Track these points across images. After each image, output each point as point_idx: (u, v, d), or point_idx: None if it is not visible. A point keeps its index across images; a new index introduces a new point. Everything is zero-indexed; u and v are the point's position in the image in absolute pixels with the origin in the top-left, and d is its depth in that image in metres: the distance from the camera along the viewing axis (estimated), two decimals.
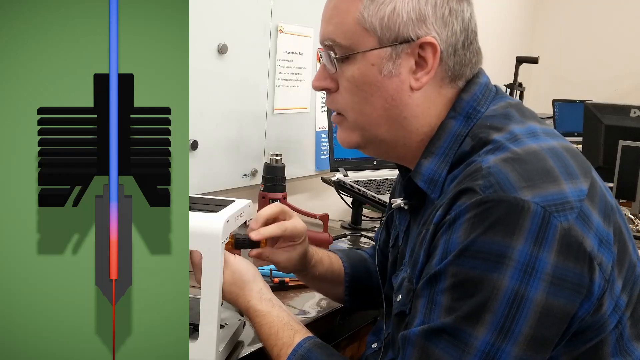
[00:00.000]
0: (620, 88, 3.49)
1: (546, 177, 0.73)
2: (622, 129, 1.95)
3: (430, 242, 0.77)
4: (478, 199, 0.71)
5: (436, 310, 0.73)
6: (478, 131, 0.81)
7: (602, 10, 3.61)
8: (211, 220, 0.91)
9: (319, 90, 0.90)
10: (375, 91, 0.83)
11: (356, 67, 0.83)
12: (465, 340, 0.70)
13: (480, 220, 0.70)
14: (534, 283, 0.69)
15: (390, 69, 0.82)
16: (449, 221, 0.74)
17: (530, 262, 0.69)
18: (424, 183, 0.84)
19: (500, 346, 0.69)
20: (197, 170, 1.60)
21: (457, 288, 0.72)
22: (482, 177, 0.73)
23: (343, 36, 0.83)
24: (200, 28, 1.55)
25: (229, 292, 0.94)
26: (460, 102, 0.84)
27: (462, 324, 0.70)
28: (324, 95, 0.94)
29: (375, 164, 1.97)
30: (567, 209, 0.71)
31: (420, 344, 0.73)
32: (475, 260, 0.70)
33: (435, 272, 0.74)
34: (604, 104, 2.07)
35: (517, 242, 0.69)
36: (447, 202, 0.76)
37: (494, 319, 0.69)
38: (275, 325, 0.89)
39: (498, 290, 0.69)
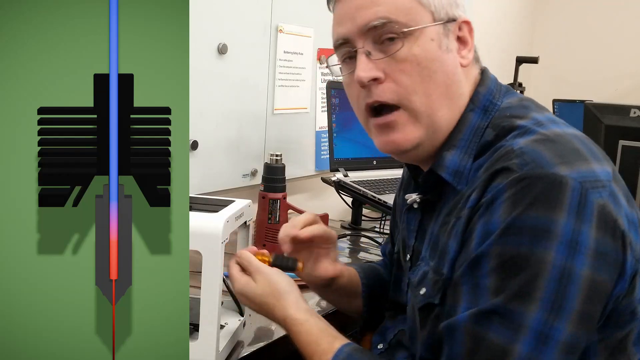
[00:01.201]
0: (620, 88, 3.49)
1: (577, 156, 0.74)
2: (622, 129, 1.95)
3: (465, 228, 0.77)
4: (516, 177, 0.72)
5: (482, 293, 0.72)
6: (499, 121, 0.82)
7: (602, 10, 3.61)
8: (211, 220, 0.91)
9: (368, 82, 0.82)
10: (438, 67, 0.82)
11: (416, 44, 0.81)
12: (517, 320, 0.69)
13: (521, 197, 0.70)
14: (580, 258, 0.69)
15: (447, 44, 0.83)
16: (485, 203, 0.74)
17: (574, 237, 0.69)
18: (449, 175, 0.83)
19: (553, 324, 0.68)
20: (197, 170, 1.60)
21: (503, 267, 0.70)
22: (516, 156, 0.73)
23: (400, 13, 0.81)
24: (200, 28, 1.55)
25: (265, 304, 0.92)
26: (478, 96, 0.86)
27: (513, 303, 0.69)
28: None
29: (375, 164, 1.97)
30: (600, 187, 0.72)
31: (469, 329, 0.71)
32: (520, 236, 0.69)
33: (476, 255, 0.73)
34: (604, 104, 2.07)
35: (560, 216, 0.69)
36: (480, 185, 0.76)
37: (544, 296, 0.68)
38: (314, 333, 0.87)
39: (545, 266, 0.68)
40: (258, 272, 0.94)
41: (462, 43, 0.85)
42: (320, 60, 2.03)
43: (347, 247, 1.72)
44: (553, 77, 3.63)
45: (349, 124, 1.89)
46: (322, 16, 2.02)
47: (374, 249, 1.68)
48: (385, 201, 1.76)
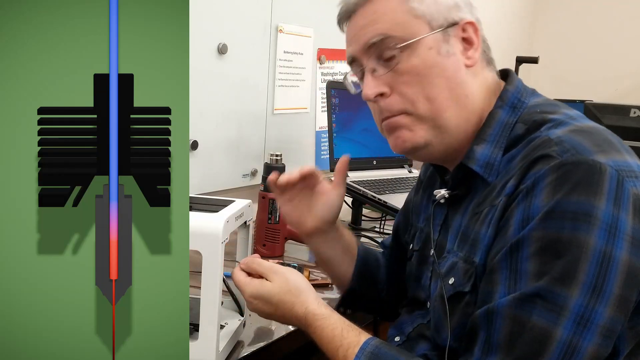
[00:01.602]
0: (620, 88, 3.49)
1: (612, 147, 0.77)
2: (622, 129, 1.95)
3: (501, 215, 0.78)
4: (557, 163, 0.74)
5: (523, 278, 0.73)
6: (529, 117, 0.85)
7: (602, 10, 3.61)
8: (211, 220, 0.91)
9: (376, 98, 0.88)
10: (438, 73, 0.86)
11: (414, 55, 0.85)
12: (560, 303, 0.70)
13: (562, 182, 0.72)
14: (619, 243, 0.70)
15: (447, 48, 0.86)
16: (525, 189, 0.75)
17: (613, 222, 0.71)
18: (480, 167, 0.86)
19: (593, 307, 0.70)
20: (197, 170, 1.60)
21: (545, 251, 0.72)
22: (555, 144, 0.76)
23: (396, 28, 0.86)
24: (200, 28, 1.55)
25: (283, 302, 0.92)
26: (506, 93, 0.89)
27: (556, 286, 0.70)
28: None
29: (375, 164, 1.97)
30: (633, 177, 0.74)
31: (511, 313, 0.72)
32: (562, 221, 0.71)
33: (517, 240, 0.74)
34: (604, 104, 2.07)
35: (600, 202, 0.71)
36: (518, 173, 0.78)
37: (586, 279, 0.70)
38: (339, 327, 0.87)
39: (587, 250, 0.70)
40: (272, 271, 0.94)
41: (467, 44, 0.87)
42: (320, 60, 2.03)
43: None
44: (553, 77, 3.62)
45: (349, 124, 1.89)
46: (322, 16, 2.00)
47: (373, 248, 1.68)
48: (386, 201, 1.76)
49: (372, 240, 1.72)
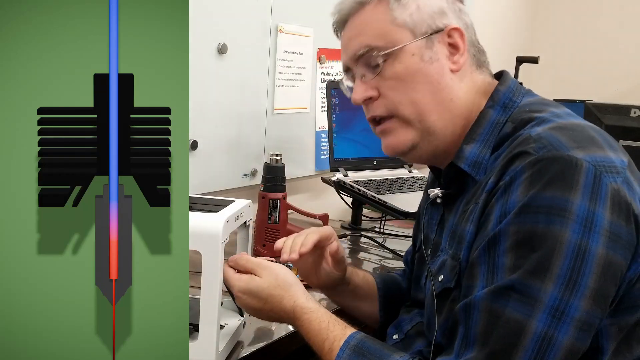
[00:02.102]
0: (621, 88, 3.48)
1: (593, 143, 0.77)
2: (622, 128, 1.95)
3: (482, 212, 0.79)
4: (533, 159, 0.75)
5: (499, 271, 0.74)
6: (518, 116, 0.87)
7: (602, 10, 3.61)
8: (211, 220, 0.91)
9: (363, 103, 0.93)
10: (421, 78, 0.88)
11: (397, 62, 0.88)
12: (534, 296, 0.70)
13: (538, 177, 0.73)
14: (595, 237, 0.71)
15: (430, 55, 0.88)
16: (504, 185, 0.76)
17: (589, 217, 0.71)
18: (468, 166, 0.87)
19: (568, 300, 0.70)
20: (197, 170, 1.60)
21: (520, 245, 0.72)
22: (533, 141, 0.77)
23: (380, 39, 0.89)
24: (200, 28, 1.55)
25: (272, 296, 0.92)
26: (498, 93, 0.90)
27: (530, 279, 0.71)
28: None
29: (375, 164, 1.97)
30: (614, 172, 0.74)
31: (486, 306, 0.73)
32: (536, 215, 0.72)
33: (494, 234, 0.75)
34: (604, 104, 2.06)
35: (575, 196, 0.71)
36: (499, 169, 0.79)
37: (560, 272, 0.70)
38: (325, 320, 0.89)
39: (562, 244, 0.70)
40: (261, 266, 0.95)
41: (454, 49, 0.89)
42: (320, 60, 2.03)
43: (347, 247, 1.72)
44: (553, 76, 3.62)
45: (349, 124, 1.89)
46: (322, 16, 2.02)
47: (374, 249, 1.68)
48: (386, 201, 1.76)
49: (372, 240, 1.72)
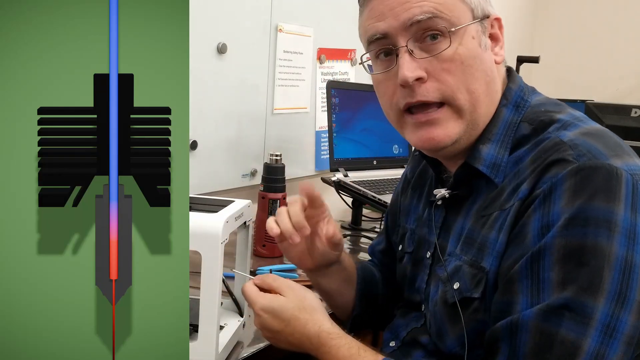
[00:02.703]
0: (621, 88, 3.48)
1: (623, 150, 0.76)
2: (623, 128, 1.95)
3: (515, 221, 0.76)
4: (575, 167, 0.72)
5: (547, 287, 0.70)
6: (534, 116, 0.84)
7: (602, 10, 3.61)
8: (211, 221, 0.91)
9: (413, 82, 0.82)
10: (479, 64, 0.83)
11: (459, 42, 0.81)
12: (587, 314, 0.68)
13: (582, 187, 0.71)
14: (638, 248, 0.69)
15: (486, 41, 0.85)
16: (542, 194, 0.73)
17: (632, 228, 0.70)
18: (486, 168, 0.83)
19: (619, 315, 0.68)
20: (197, 170, 1.60)
21: (569, 259, 0.70)
22: (569, 147, 0.74)
23: (445, 9, 0.81)
24: (200, 28, 1.55)
25: (296, 318, 0.88)
26: (510, 92, 0.87)
27: (583, 296, 0.68)
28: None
29: (375, 164, 1.97)
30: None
31: (537, 327, 0.70)
32: (585, 228, 0.69)
33: (538, 248, 0.72)
34: (605, 104, 2.06)
35: (619, 207, 0.70)
36: (532, 176, 0.75)
37: (611, 288, 0.68)
38: (355, 346, 0.84)
39: (610, 257, 0.68)
40: (288, 287, 0.91)
41: (494, 40, 0.86)
42: (320, 60, 2.03)
43: (347, 247, 1.72)
44: (554, 76, 3.62)
45: (349, 124, 1.89)
46: (322, 16, 2.00)
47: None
48: (385, 201, 1.76)
49: (372, 240, 1.72)
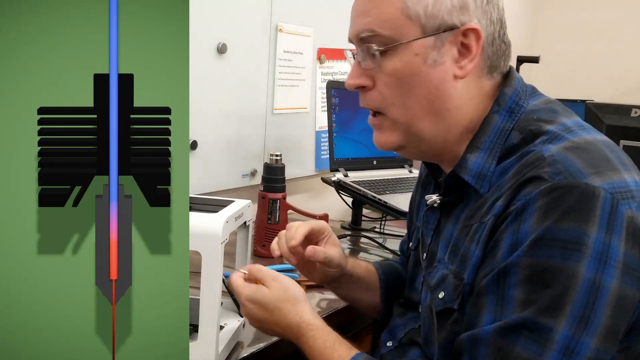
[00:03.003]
0: (621, 88, 3.48)
1: (608, 165, 0.73)
2: (623, 128, 1.94)
3: (490, 235, 0.75)
4: (548, 186, 0.70)
5: (509, 305, 0.70)
6: (526, 124, 0.81)
7: (602, 10, 3.61)
8: (211, 221, 0.91)
9: (355, 89, 0.86)
10: (419, 82, 0.81)
11: (398, 59, 0.81)
12: (545, 335, 0.68)
13: (553, 207, 0.69)
14: (609, 271, 0.68)
15: (435, 57, 0.81)
16: (515, 211, 0.72)
17: (604, 250, 0.68)
18: (472, 178, 0.82)
19: (580, 338, 0.67)
20: (197, 170, 1.60)
21: (533, 280, 0.69)
22: (547, 164, 0.72)
23: (385, 26, 0.81)
24: (200, 28, 1.55)
25: (279, 309, 0.91)
26: (504, 97, 0.84)
27: (542, 317, 0.68)
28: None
29: (375, 164, 1.97)
30: (630, 197, 0.71)
31: (496, 342, 0.70)
32: (551, 249, 0.68)
33: (504, 265, 0.71)
34: (605, 104, 2.06)
35: (592, 229, 0.68)
36: (509, 192, 0.74)
37: (573, 310, 0.67)
38: (331, 339, 0.87)
39: (577, 280, 0.67)
40: (273, 278, 0.93)
41: (466, 50, 0.81)
42: (320, 60, 2.03)
43: (347, 247, 1.72)
44: (554, 76, 3.62)
45: (349, 124, 1.89)
46: (322, 16, 2.00)
47: (374, 249, 1.68)
48: (386, 201, 1.76)
49: (372, 240, 1.72)
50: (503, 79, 0.87)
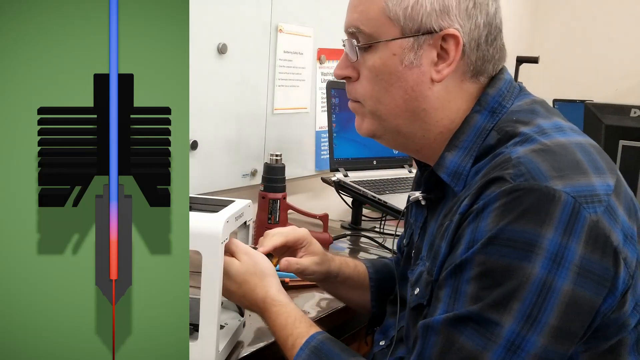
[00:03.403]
0: (621, 88, 3.48)
1: (576, 169, 0.73)
2: (622, 128, 1.95)
3: (455, 233, 0.77)
4: (508, 187, 0.71)
5: (461, 298, 0.73)
6: (504, 125, 0.81)
7: (602, 10, 3.61)
8: (211, 221, 0.91)
9: (341, 79, 0.90)
10: (395, 81, 0.83)
11: (377, 56, 0.83)
12: (491, 329, 0.70)
13: (511, 208, 0.70)
14: (562, 273, 0.69)
15: (412, 59, 0.82)
16: (476, 210, 0.74)
17: (560, 252, 0.69)
18: (447, 176, 0.84)
19: (525, 335, 0.69)
20: (197, 170, 1.60)
21: (485, 277, 0.71)
22: (512, 166, 0.73)
23: (367, 24, 0.83)
24: (200, 28, 1.55)
25: (247, 282, 0.94)
26: (486, 97, 0.84)
27: (489, 312, 0.70)
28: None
29: (375, 164, 1.97)
30: (596, 202, 0.71)
31: (444, 331, 0.73)
32: (504, 248, 0.70)
33: (461, 261, 0.73)
34: (604, 104, 2.06)
35: (548, 231, 0.69)
36: (474, 191, 0.76)
37: (521, 308, 0.69)
38: (292, 316, 0.90)
39: (527, 279, 0.69)
40: (244, 252, 0.96)
41: (441, 57, 0.82)
42: (320, 60, 2.03)
43: (347, 247, 1.72)
44: (553, 76, 3.62)
45: (349, 124, 1.89)
46: (322, 16, 2.01)
47: (374, 249, 1.68)
48: (385, 201, 1.76)
49: (372, 240, 1.72)
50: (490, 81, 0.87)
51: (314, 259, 1.07)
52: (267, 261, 0.97)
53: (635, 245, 0.74)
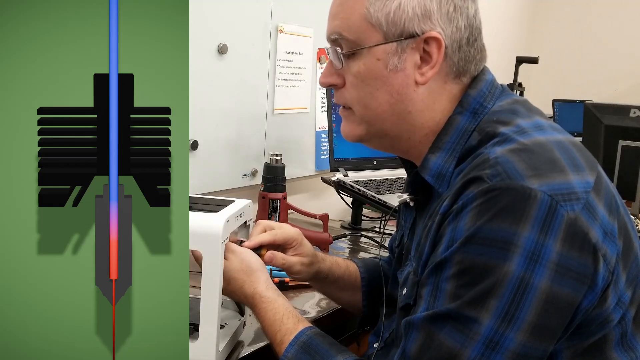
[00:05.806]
0: (620, 88, 3.49)
1: (553, 167, 0.74)
2: (622, 129, 1.95)
3: (436, 232, 0.78)
4: (485, 187, 0.72)
5: (441, 296, 0.74)
6: (485, 126, 0.82)
7: (602, 10, 3.61)
8: (211, 220, 0.91)
9: (326, 87, 0.91)
10: (380, 86, 0.84)
11: (362, 62, 0.84)
12: (469, 326, 0.71)
13: (487, 207, 0.71)
14: (539, 270, 0.70)
15: (396, 63, 0.83)
16: (455, 210, 0.75)
17: (536, 250, 0.70)
18: (431, 177, 0.85)
19: (504, 332, 0.70)
20: (197, 170, 1.60)
21: (463, 275, 0.72)
22: (489, 166, 0.74)
23: (349, 31, 0.84)
24: (200, 28, 1.55)
25: (236, 279, 0.94)
26: (467, 98, 0.85)
27: (467, 310, 0.71)
28: (324, 95, 0.95)
29: (375, 164, 1.97)
30: (574, 199, 0.72)
31: (424, 328, 0.74)
32: (481, 247, 0.71)
33: (440, 260, 0.75)
34: (604, 104, 2.06)
35: (524, 229, 0.70)
36: (454, 192, 0.77)
37: (498, 305, 0.70)
38: (280, 312, 0.91)
39: (504, 277, 0.70)
40: (231, 251, 0.96)
41: (424, 60, 0.83)
42: (320, 60, 2.03)
43: (347, 247, 1.72)
44: (553, 77, 3.63)
45: None
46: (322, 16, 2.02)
47: (374, 249, 1.68)
48: (385, 201, 1.76)
49: (372, 240, 1.72)
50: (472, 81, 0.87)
51: (301, 259, 1.07)
52: (254, 256, 0.98)
53: (615, 242, 0.74)
